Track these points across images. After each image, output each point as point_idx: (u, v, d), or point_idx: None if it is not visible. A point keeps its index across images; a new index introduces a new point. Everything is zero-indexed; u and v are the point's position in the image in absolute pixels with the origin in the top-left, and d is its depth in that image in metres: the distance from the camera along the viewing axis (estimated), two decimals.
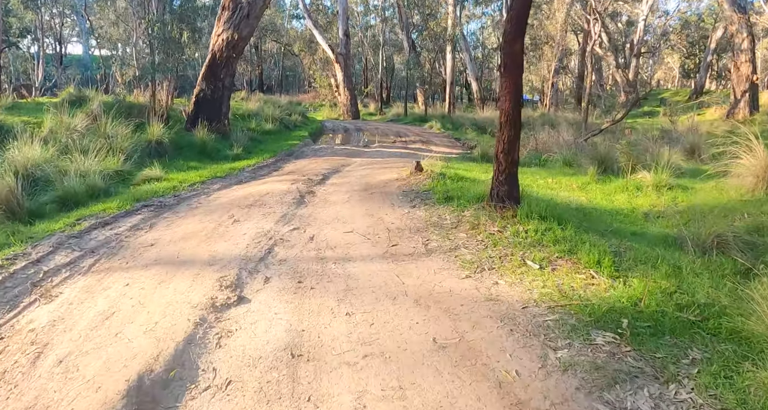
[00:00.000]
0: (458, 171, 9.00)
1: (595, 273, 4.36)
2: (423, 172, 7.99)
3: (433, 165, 9.55)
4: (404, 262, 4.61)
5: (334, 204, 6.78)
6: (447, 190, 6.86)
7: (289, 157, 13.17)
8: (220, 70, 15.52)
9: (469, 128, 22.87)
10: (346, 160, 12.45)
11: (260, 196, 7.39)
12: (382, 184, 7.91)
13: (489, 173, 9.95)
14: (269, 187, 8.27)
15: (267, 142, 15.57)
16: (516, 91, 5.56)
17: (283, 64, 46.37)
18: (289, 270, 4.47)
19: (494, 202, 5.83)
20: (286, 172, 10.59)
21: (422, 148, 16.56)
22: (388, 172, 9.44)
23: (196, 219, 6.36)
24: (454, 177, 7.78)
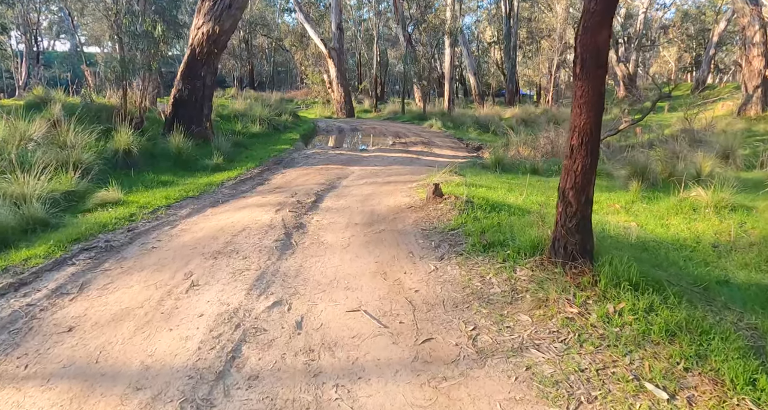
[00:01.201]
0: (484, 192, 7.19)
1: (754, 407, 2.59)
2: (443, 198, 6.14)
3: (449, 182, 7.74)
4: (447, 383, 2.80)
5: (330, 249, 4.93)
6: (482, 227, 5.04)
7: (277, 166, 11.30)
8: (200, 68, 13.62)
9: (471, 127, 21.06)
10: (343, 170, 10.61)
11: (234, 235, 5.53)
12: (392, 214, 6.06)
13: (517, 191, 8.19)
14: (248, 216, 6.41)
15: (253, 147, 13.68)
16: (598, 101, 3.73)
17: (275, 60, 44.24)
18: (262, 407, 2.65)
19: (560, 259, 4.03)
20: (272, 188, 8.73)
21: (425, 151, 14.73)
22: (397, 191, 7.60)
23: (143, 276, 4.51)
24: (484, 204, 5.94)
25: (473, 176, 9.26)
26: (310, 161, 11.96)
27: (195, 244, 5.35)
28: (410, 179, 9.00)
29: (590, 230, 4.11)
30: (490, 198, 6.54)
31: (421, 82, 24.99)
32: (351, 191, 8.02)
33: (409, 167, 11.16)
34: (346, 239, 5.15)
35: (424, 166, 11.61)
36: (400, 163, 11.92)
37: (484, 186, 7.87)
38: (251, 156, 12.39)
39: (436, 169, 10.76)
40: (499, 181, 8.98)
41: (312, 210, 6.68)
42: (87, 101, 13.04)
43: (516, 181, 9.35)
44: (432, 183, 6.12)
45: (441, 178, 7.90)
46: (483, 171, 10.94)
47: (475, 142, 17.83)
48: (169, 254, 5.11)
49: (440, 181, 7.69)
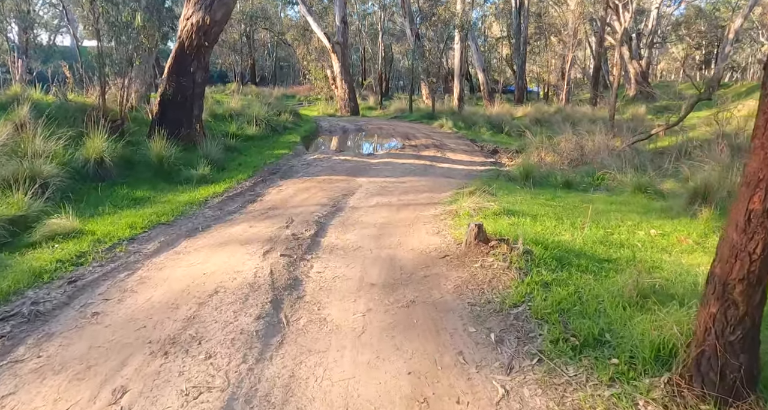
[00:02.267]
0: (531, 225, 5.51)
1: None
2: (489, 244, 4.44)
3: (483, 208, 6.05)
4: None
5: (337, 338, 3.22)
6: (557, 303, 3.36)
7: (273, 177, 9.61)
8: (189, 63, 11.92)
9: (483, 127, 19.33)
10: (349, 183, 8.93)
11: (201, 302, 3.84)
12: (420, 267, 4.33)
13: (567, 219, 6.43)
14: (226, 262, 4.71)
15: (248, 151, 11.99)
16: None
17: (277, 55, 42.40)
18: None
19: (710, 390, 2.37)
20: (264, 210, 7.05)
21: (438, 156, 13.04)
22: (419, 220, 5.91)
23: (54, 389, 2.86)
24: (547, 256, 4.25)
25: (505, 194, 7.58)
26: (311, 170, 10.27)
27: (147, 317, 3.68)
28: (431, 199, 7.32)
29: (757, 350, 2.44)
30: (547, 238, 4.85)
31: (429, 79, 23.23)
32: (361, 217, 6.33)
33: (426, 179, 9.47)
34: (359, 317, 3.46)
35: (442, 177, 9.92)
36: (414, 173, 10.23)
37: (526, 213, 6.18)
38: (245, 163, 10.69)
39: (456, 182, 9.07)
40: (538, 202, 7.29)
41: (311, 251, 5.00)
42: (61, 100, 11.34)
43: (556, 201, 7.67)
44: (473, 223, 4.41)
45: (471, 202, 6.22)
46: (511, 185, 9.25)
47: (490, 145, 16.14)
48: (107, 335, 3.44)
49: (473, 208, 6.01)
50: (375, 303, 3.65)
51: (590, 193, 9.27)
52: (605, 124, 20.26)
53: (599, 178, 10.39)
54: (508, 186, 8.97)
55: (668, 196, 8.66)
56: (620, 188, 9.67)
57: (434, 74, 22.11)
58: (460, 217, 5.84)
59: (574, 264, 4.23)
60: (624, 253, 5.10)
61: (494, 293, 3.65)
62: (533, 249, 4.26)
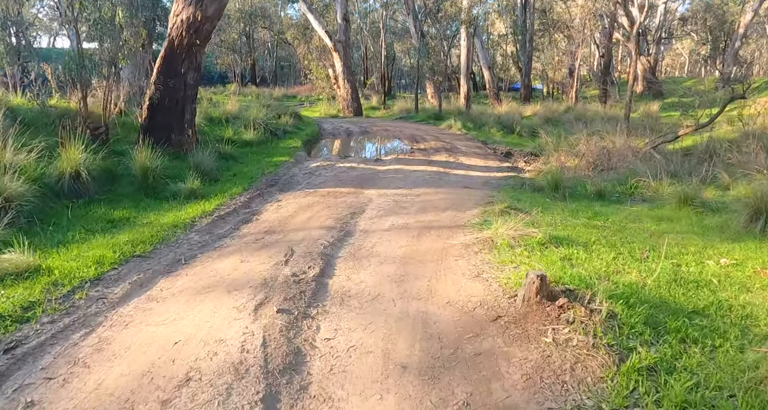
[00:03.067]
0: (585, 257, 4.37)
1: None
2: (557, 304, 3.25)
3: (524, 236, 4.89)
4: None
5: None
6: None
7: (271, 190, 8.45)
8: (179, 63, 10.78)
9: (493, 127, 18.15)
10: (357, 197, 7.77)
11: (165, 399, 2.71)
12: (466, 338, 3.08)
13: (623, 247, 5.10)
14: (208, 324, 3.56)
15: (245, 159, 10.82)
16: None
17: (277, 55, 41.15)
18: None
19: None
20: (260, 234, 5.90)
21: (451, 161, 11.88)
22: (449, 253, 4.74)
23: None
24: (636, 319, 3.07)
25: (540, 212, 6.41)
26: (313, 180, 9.10)
27: None
28: (455, 219, 6.15)
29: None
30: (615, 281, 3.70)
31: (434, 78, 22.03)
32: (375, 246, 5.16)
33: (442, 190, 8.31)
34: None
35: (459, 187, 8.77)
36: (428, 183, 9.07)
37: (574, 240, 5.02)
38: (241, 173, 9.53)
39: (478, 195, 7.91)
40: (579, 222, 6.13)
41: (316, 301, 3.84)
42: (41, 106, 10.17)
43: (599, 219, 6.50)
44: (533, 273, 3.23)
45: (507, 228, 5.05)
46: (539, 196, 8.10)
47: (502, 147, 14.98)
48: None
49: (512, 236, 4.85)
50: (410, 405, 2.49)
51: (627, 204, 8.12)
52: (620, 124, 19.09)
53: (632, 186, 9.24)
54: (537, 198, 7.81)
55: (718, 209, 7.52)
56: (659, 199, 8.53)
57: (441, 73, 20.90)
58: (499, 250, 4.68)
59: (669, 328, 3.08)
60: (704, 296, 3.97)
61: (583, 390, 2.48)
62: (616, 309, 3.09)
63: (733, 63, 31.01)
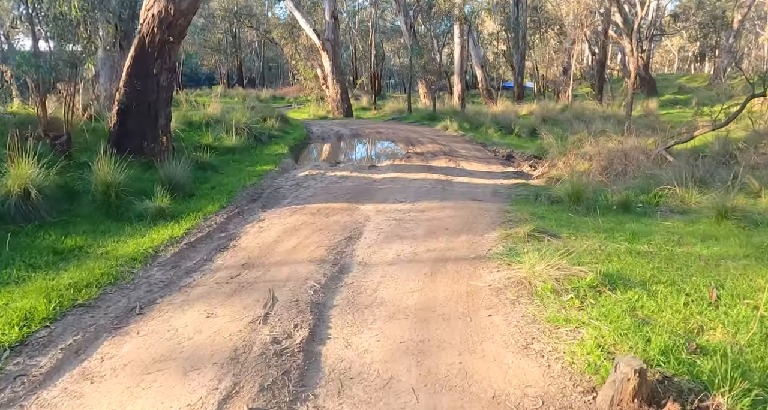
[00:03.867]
0: (652, 305, 3.26)
1: None
2: (661, 405, 2.15)
3: (573, 275, 3.77)
4: None
5: None
6: None
7: (253, 206, 7.26)
8: (151, 63, 9.58)
9: (491, 128, 17.06)
10: (352, 214, 6.62)
11: None
12: None
13: (680, 284, 4.03)
14: None
15: (225, 169, 9.61)
16: None
17: (265, 55, 39.78)
18: None
19: None
20: (235, 272, 4.73)
21: (451, 166, 10.75)
22: (480, 307, 3.59)
23: None
24: None
25: (570, 233, 5.30)
26: (301, 193, 7.93)
27: None
28: (474, 246, 5.01)
29: None
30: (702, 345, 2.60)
31: (427, 77, 20.89)
32: (379, 290, 4.01)
33: (449, 204, 7.17)
34: None
35: (467, 199, 7.64)
36: (431, 194, 7.93)
37: (628, 280, 3.91)
38: (220, 186, 8.33)
39: (491, 209, 6.79)
40: (621, 248, 5.02)
41: (304, 390, 2.68)
42: None
43: (640, 242, 5.39)
44: (625, 364, 2.13)
45: (546, 263, 3.92)
46: (560, 210, 6.99)
47: (502, 148, 13.91)
48: None
49: (554, 277, 3.73)
50: None
51: (657, 218, 7.03)
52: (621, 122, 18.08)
53: (656, 195, 8.16)
54: (559, 214, 6.69)
55: (761, 223, 6.48)
56: (690, 210, 7.47)
57: (434, 72, 19.75)
58: (542, 298, 3.56)
59: None
60: None
61: None
62: None
63: (727, 59, 30.15)
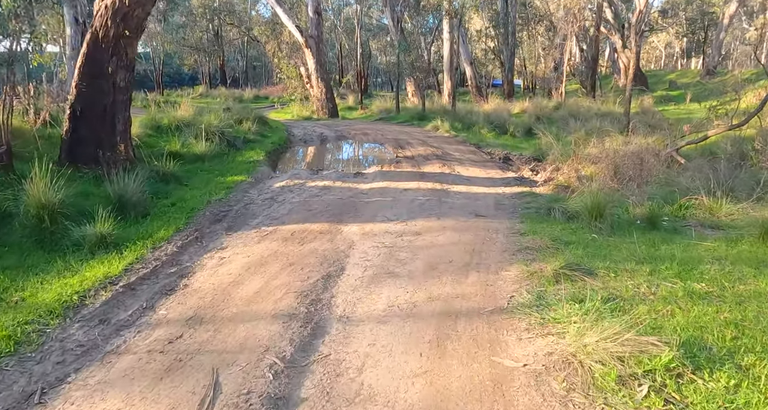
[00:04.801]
0: None
1: None
2: None
3: (653, 364, 2.57)
4: None
5: None
6: None
7: (216, 229, 5.99)
8: (106, 60, 8.34)
9: (484, 127, 15.87)
10: (333, 239, 5.39)
11: None
12: None
13: None
14: None
15: (191, 180, 8.32)
16: None
17: (249, 54, 38.27)
18: None
19: None
20: (177, 330, 3.49)
21: (446, 172, 9.55)
22: (515, 405, 2.45)
23: None
24: None
25: (605, 268, 4.12)
26: (275, 211, 6.67)
27: None
28: (489, 291, 3.81)
29: None
30: None
31: (415, 75, 19.66)
32: (365, 373, 2.77)
33: (450, 224, 5.96)
34: None
35: (470, 215, 6.45)
36: (426, 209, 6.71)
37: (711, 353, 2.75)
38: (181, 202, 7.04)
39: (499, 230, 5.59)
40: (674, 287, 3.85)
41: None
42: None
43: (692, 278, 4.22)
44: None
45: (597, 332, 2.75)
46: (579, 229, 5.81)
47: (498, 150, 12.73)
48: None
49: (615, 354, 2.52)
50: None
51: (691, 236, 5.87)
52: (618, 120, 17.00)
53: (682, 206, 7.03)
54: (581, 233, 5.51)
55: None
56: (724, 225, 6.36)
57: (422, 69, 18.53)
58: (604, 393, 2.38)
59: None
60: None
61: None
62: None
63: (718, 54, 29.25)
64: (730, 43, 42.40)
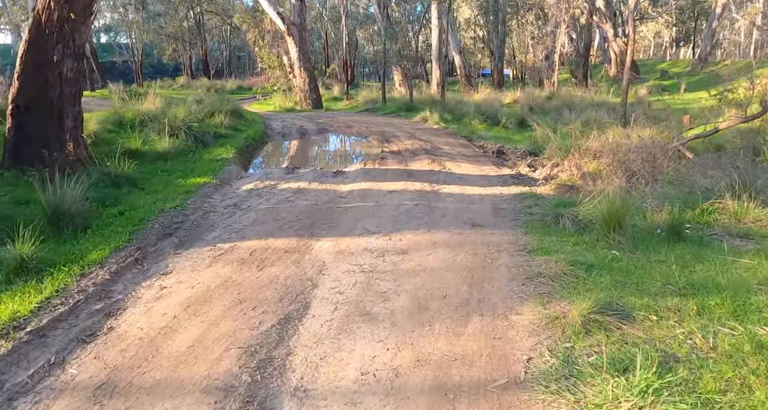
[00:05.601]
0: None
1: None
2: None
3: None
4: None
5: None
6: None
7: (163, 246, 4.93)
8: (51, 48, 7.27)
9: (475, 118, 14.87)
10: (300, 261, 4.38)
11: None
12: None
13: None
14: None
15: (148, 183, 7.25)
16: None
17: (233, 44, 36.83)
18: None
19: None
20: (82, 406, 2.53)
21: (436, 170, 8.57)
22: None
23: None
24: None
25: (640, 301, 3.18)
26: (236, 221, 5.64)
27: None
28: (492, 339, 2.84)
29: None
30: None
31: (402, 63, 18.58)
32: None
33: (442, 237, 4.98)
34: None
35: (465, 224, 5.47)
36: (414, 217, 5.73)
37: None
38: (130, 210, 5.98)
39: (501, 245, 4.61)
40: (724, 331, 2.91)
41: None
42: None
43: (749, 320, 3.28)
44: None
45: None
46: (592, 242, 4.85)
47: (491, 143, 11.76)
48: None
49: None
50: None
51: (723, 249, 4.93)
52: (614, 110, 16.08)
53: (705, 211, 6.09)
54: (598, 250, 4.55)
55: None
56: (754, 233, 5.46)
57: (409, 57, 17.44)
58: None
59: None
60: None
61: None
62: None
63: (710, 43, 28.41)
64: (719, 33, 41.60)
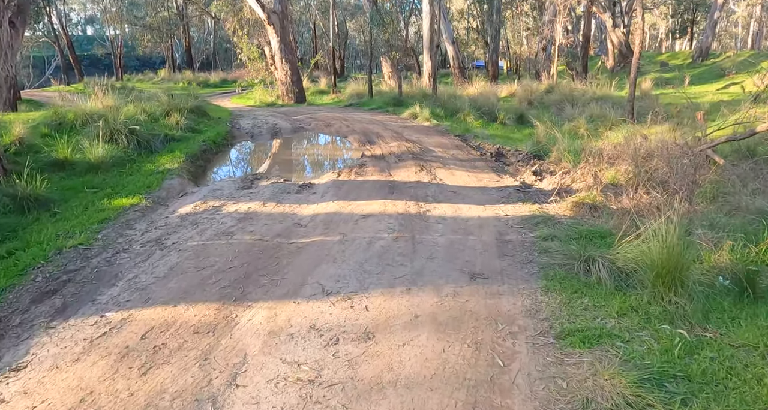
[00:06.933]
0: None
1: None
2: None
3: None
4: None
5: None
6: None
7: (37, 311, 3.34)
8: None
9: (469, 114, 13.23)
10: (209, 355, 2.76)
11: None
12: None
13: None
14: None
15: (64, 205, 5.60)
16: None
17: (218, 35, 34.89)
18: None
19: None
20: None
21: (425, 182, 6.95)
22: None
23: None
24: None
25: None
26: (148, 270, 4.04)
27: None
28: None
29: None
30: None
31: (390, 54, 16.88)
32: None
33: (427, 304, 3.40)
34: None
35: (460, 271, 3.88)
36: (390, 265, 4.14)
37: None
38: (20, 249, 4.36)
39: (504, 308, 3.00)
40: None
41: None
42: None
43: None
44: None
45: None
46: (641, 309, 3.26)
47: (489, 144, 10.16)
48: None
49: None
50: None
51: None
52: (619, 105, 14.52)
53: None
54: (656, 326, 2.98)
55: None
56: None
57: (399, 47, 15.76)
58: None
59: None
60: None
61: None
62: None
63: (711, 35, 26.78)
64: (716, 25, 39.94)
